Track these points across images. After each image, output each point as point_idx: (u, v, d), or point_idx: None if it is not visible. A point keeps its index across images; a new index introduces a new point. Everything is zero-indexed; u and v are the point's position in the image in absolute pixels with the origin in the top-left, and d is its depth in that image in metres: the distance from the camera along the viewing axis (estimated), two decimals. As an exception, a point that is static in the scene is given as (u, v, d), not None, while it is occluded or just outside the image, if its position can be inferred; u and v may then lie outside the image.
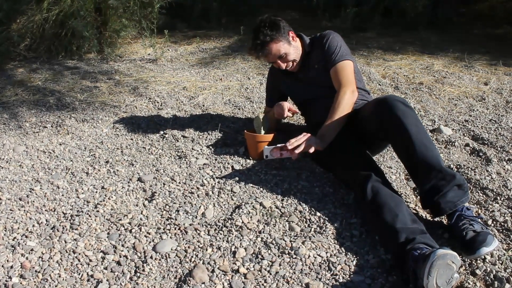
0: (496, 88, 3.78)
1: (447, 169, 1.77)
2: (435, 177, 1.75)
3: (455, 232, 1.68)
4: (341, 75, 2.26)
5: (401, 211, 1.68)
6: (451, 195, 1.72)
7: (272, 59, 2.34)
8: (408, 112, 1.84)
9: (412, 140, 1.79)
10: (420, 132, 1.81)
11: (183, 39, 5.73)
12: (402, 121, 1.82)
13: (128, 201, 2.03)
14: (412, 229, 1.60)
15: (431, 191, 1.75)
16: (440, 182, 1.74)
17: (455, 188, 1.74)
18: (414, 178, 1.86)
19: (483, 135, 2.78)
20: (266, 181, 2.21)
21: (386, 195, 1.76)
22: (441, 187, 1.73)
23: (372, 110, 2.04)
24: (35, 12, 4.49)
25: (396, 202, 1.72)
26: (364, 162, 1.99)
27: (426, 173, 1.77)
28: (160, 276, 1.56)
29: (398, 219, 1.64)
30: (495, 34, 6.30)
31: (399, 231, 1.60)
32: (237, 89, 3.76)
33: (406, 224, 1.62)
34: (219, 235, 1.78)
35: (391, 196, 1.76)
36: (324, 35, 2.37)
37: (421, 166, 1.78)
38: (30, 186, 2.14)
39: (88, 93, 3.59)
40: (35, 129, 2.88)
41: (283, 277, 1.54)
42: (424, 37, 5.96)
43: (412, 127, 1.80)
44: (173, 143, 2.65)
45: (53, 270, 1.57)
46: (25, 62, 4.50)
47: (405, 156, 1.87)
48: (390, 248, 1.65)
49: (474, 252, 1.57)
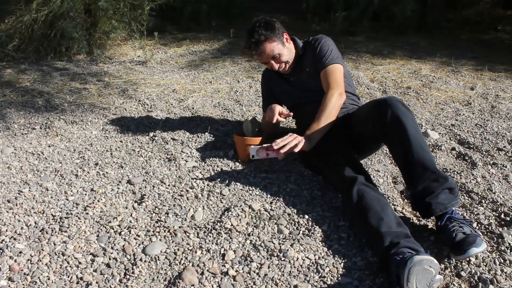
0: (482, 93, 3.84)
1: (440, 171, 1.80)
2: (428, 178, 1.78)
3: (445, 234, 1.70)
4: (330, 78, 2.28)
5: (387, 215, 1.70)
6: (442, 197, 1.75)
7: (266, 59, 2.35)
8: (407, 113, 1.88)
9: (410, 140, 1.81)
10: (417, 133, 1.84)
11: (173, 41, 5.72)
12: (402, 121, 1.85)
13: (118, 203, 2.04)
14: (397, 233, 1.63)
15: (423, 191, 1.78)
16: (433, 183, 1.77)
17: (446, 191, 1.76)
18: (408, 178, 1.87)
19: (469, 139, 2.82)
20: (255, 184, 2.22)
21: (372, 198, 1.79)
22: (433, 189, 1.76)
23: (371, 110, 2.05)
24: (24, 12, 4.47)
25: (381, 206, 1.75)
26: (351, 165, 2.01)
27: (420, 174, 1.79)
28: (149, 279, 1.56)
29: (383, 222, 1.67)
30: (481, 40, 6.39)
31: (384, 235, 1.62)
32: (226, 92, 3.77)
33: (391, 228, 1.65)
34: (209, 237, 1.79)
35: (377, 199, 1.78)
36: (317, 39, 2.40)
37: (416, 166, 1.80)
38: (18, 188, 2.14)
39: (77, 95, 3.58)
40: (23, 130, 2.86)
41: (272, 279, 1.56)
42: (413, 42, 6.02)
43: (411, 128, 1.83)
44: (163, 146, 2.65)
45: (42, 272, 1.57)
46: (13, 63, 4.47)
47: (401, 156, 1.88)
48: (376, 251, 1.68)
49: (464, 253, 1.59)
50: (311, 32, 6.32)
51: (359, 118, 2.18)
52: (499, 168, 2.45)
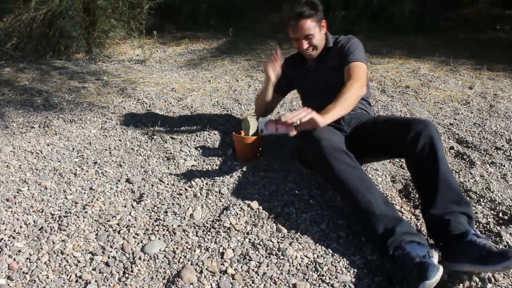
0: (480, 92, 3.84)
1: (464, 196, 1.76)
2: (451, 198, 1.72)
3: (471, 248, 1.55)
4: (353, 71, 2.25)
5: (373, 196, 1.74)
6: (462, 219, 1.68)
7: (300, 34, 2.33)
8: (440, 140, 1.88)
9: (439, 160, 1.79)
10: (444, 157, 1.84)
11: (172, 40, 5.72)
12: (435, 142, 1.83)
13: (117, 202, 2.04)
14: (388, 216, 1.68)
15: (443, 210, 1.71)
16: (454, 205, 1.71)
17: (465, 217, 1.69)
18: (429, 195, 1.78)
19: (467, 139, 2.83)
20: (253, 182, 2.23)
21: (356, 180, 1.80)
22: (454, 208, 1.70)
23: (402, 127, 1.97)
24: (23, 11, 4.47)
25: (367, 186, 1.78)
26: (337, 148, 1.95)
27: (444, 192, 1.74)
28: (148, 277, 1.57)
29: (372, 206, 1.70)
30: (480, 39, 6.40)
31: (376, 220, 1.67)
32: (225, 91, 3.77)
33: (381, 211, 1.69)
34: (207, 236, 1.79)
35: (361, 179, 1.81)
36: (348, 37, 2.42)
37: (441, 184, 1.75)
38: (17, 187, 2.14)
39: (76, 94, 3.58)
40: (22, 129, 2.86)
41: (271, 277, 1.56)
42: (411, 41, 6.03)
43: (441, 151, 1.83)
44: (162, 145, 2.65)
45: (41, 271, 1.57)
46: (12, 62, 4.47)
47: (428, 174, 1.81)
48: (369, 237, 1.75)
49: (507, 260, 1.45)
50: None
51: (380, 130, 2.13)
52: (498, 167, 2.46)
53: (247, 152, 2.45)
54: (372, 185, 1.81)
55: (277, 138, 2.78)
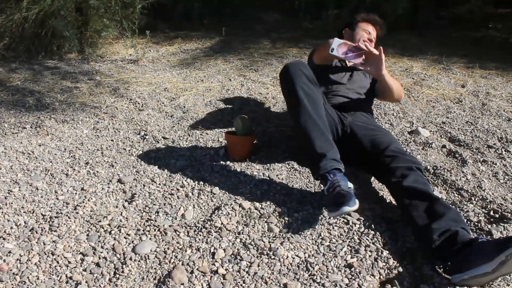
0: (473, 90, 3.86)
1: (462, 216, 1.75)
2: (452, 217, 1.68)
3: (486, 246, 1.50)
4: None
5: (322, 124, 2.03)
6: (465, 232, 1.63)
7: (370, 33, 2.67)
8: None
9: (431, 194, 1.81)
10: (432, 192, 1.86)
11: (165, 39, 5.71)
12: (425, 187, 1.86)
13: (108, 202, 2.03)
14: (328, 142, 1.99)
15: (449, 224, 1.65)
16: (453, 222, 1.65)
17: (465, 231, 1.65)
18: (425, 215, 1.74)
19: (459, 137, 2.84)
20: (245, 182, 2.23)
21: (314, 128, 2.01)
22: (458, 224, 1.65)
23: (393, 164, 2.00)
24: (14, 11, 4.43)
25: (319, 113, 2.05)
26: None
27: (444, 211, 1.70)
28: (139, 278, 1.56)
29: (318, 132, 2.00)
30: (472, 37, 6.42)
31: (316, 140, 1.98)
32: (218, 91, 3.77)
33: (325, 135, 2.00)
34: (199, 236, 1.79)
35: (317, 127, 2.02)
36: None
37: (441, 207, 1.72)
38: (8, 188, 2.13)
39: (68, 94, 3.57)
40: (14, 129, 2.85)
41: (262, 277, 1.56)
42: (404, 40, 6.04)
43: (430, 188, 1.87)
44: (154, 144, 2.65)
45: (31, 272, 1.57)
46: (3, 62, 4.44)
47: (422, 204, 1.78)
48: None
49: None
50: (303, 30, 6.33)
51: (369, 155, 2.17)
52: (489, 165, 2.47)
53: (239, 152, 2.45)
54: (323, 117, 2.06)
55: (269, 137, 2.78)
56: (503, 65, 4.75)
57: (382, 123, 3.09)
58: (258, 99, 3.55)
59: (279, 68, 4.45)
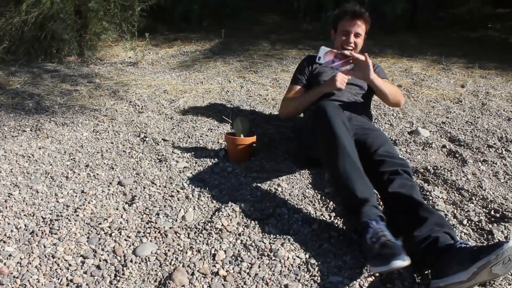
0: (472, 90, 3.86)
1: (446, 220, 1.74)
2: (436, 221, 1.66)
3: (463, 251, 1.50)
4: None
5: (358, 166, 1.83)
6: (448, 237, 1.61)
7: (355, 28, 2.64)
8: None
9: (416, 196, 1.80)
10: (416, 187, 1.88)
11: (164, 42, 5.72)
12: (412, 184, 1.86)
13: (108, 205, 2.03)
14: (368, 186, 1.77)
15: (430, 231, 1.64)
16: (438, 227, 1.64)
17: (449, 237, 1.62)
18: (412, 222, 1.72)
19: (459, 137, 2.84)
20: (245, 183, 2.23)
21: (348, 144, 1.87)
22: (439, 229, 1.64)
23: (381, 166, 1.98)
24: (14, 14, 4.44)
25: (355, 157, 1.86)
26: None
27: (429, 216, 1.68)
28: (140, 280, 1.56)
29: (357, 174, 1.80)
30: (472, 38, 6.43)
31: (359, 191, 1.74)
32: (217, 92, 3.77)
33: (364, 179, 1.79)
34: (199, 238, 1.79)
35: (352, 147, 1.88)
36: (374, 63, 2.66)
37: (424, 211, 1.71)
38: (8, 191, 2.12)
39: (68, 97, 3.57)
40: (13, 133, 2.85)
41: (262, 279, 1.56)
42: (403, 40, 6.04)
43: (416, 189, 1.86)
44: (154, 147, 2.65)
45: (32, 275, 1.56)
46: (3, 65, 4.44)
47: (407, 206, 1.79)
48: (344, 200, 1.81)
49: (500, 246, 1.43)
50: (303, 31, 6.33)
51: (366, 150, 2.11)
52: (490, 165, 2.47)
53: (239, 153, 2.45)
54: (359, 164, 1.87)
55: (268, 139, 2.78)
56: (503, 65, 4.76)
57: (382, 123, 3.09)
58: (258, 100, 3.55)
59: (278, 70, 4.45)
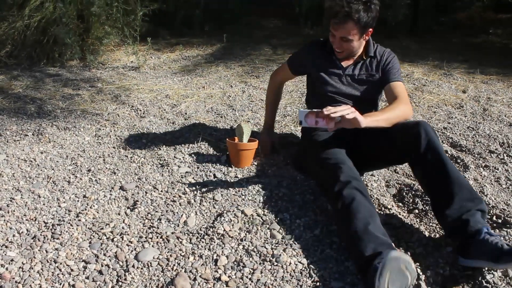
0: (474, 96, 3.86)
1: (475, 192, 1.78)
2: (464, 197, 1.73)
3: (487, 246, 1.58)
4: (401, 91, 2.18)
5: (374, 222, 1.66)
6: (478, 216, 1.69)
7: (340, 33, 2.13)
8: (438, 139, 1.91)
9: (446, 163, 1.81)
10: (447, 156, 1.87)
11: (166, 46, 5.73)
12: (437, 145, 1.86)
13: (110, 209, 2.03)
14: (381, 241, 1.58)
15: (460, 209, 1.71)
16: (469, 203, 1.72)
17: (480, 214, 1.71)
18: (443, 197, 1.79)
19: (461, 142, 2.84)
20: (247, 189, 2.23)
21: (363, 205, 1.72)
22: (469, 207, 1.71)
23: (401, 132, 1.98)
24: (17, 18, 4.45)
25: (370, 213, 1.70)
26: (349, 169, 1.91)
27: (457, 192, 1.75)
28: (142, 285, 1.56)
29: (369, 227, 1.62)
30: (473, 43, 6.43)
31: (368, 241, 1.58)
32: (219, 97, 3.78)
33: (375, 235, 1.60)
34: (201, 243, 1.79)
35: (367, 208, 1.72)
36: (388, 52, 2.33)
37: (453, 184, 1.76)
38: (10, 196, 2.13)
39: (70, 101, 3.58)
40: (15, 137, 2.85)
41: (265, 284, 1.56)
42: (404, 46, 6.05)
43: (442, 150, 1.86)
44: (155, 151, 2.65)
45: (34, 280, 1.56)
46: (5, 69, 4.45)
47: (436, 178, 1.82)
48: (355, 255, 1.63)
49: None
50: (304, 36, 6.35)
51: (379, 138, 2.09)
52: (491, 170, 2.47)
53: (241, 158, 2.45)
54: (376, 214, 1.74)
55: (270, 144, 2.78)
56: (504, 70, 4.76)
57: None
58: (260, 105, 3.56)
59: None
